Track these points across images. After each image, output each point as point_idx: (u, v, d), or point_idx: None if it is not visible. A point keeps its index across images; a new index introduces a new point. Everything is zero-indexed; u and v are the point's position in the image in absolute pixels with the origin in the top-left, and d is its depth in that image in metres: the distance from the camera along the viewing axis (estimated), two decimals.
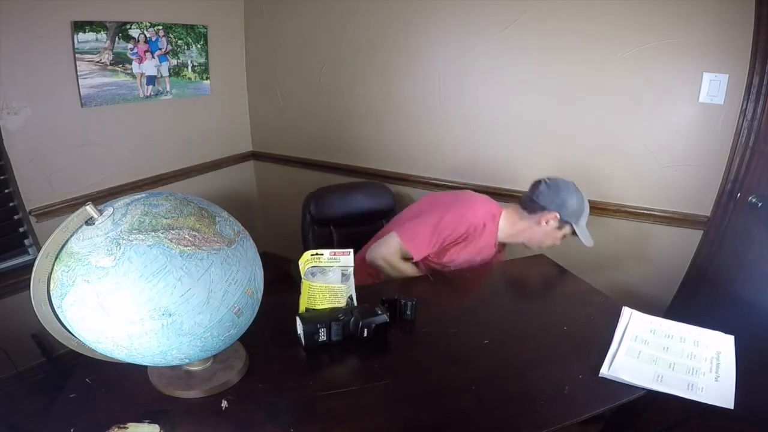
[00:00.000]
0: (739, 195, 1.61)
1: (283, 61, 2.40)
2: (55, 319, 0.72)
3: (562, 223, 1.42)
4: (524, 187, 1.98)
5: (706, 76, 1.56)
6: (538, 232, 1.45)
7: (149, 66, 2.04)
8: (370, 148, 2.31)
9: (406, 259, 1.45)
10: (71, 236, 0.70)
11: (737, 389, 0.88)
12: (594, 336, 1.06)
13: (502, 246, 1.57)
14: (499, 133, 1.98)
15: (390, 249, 1.42)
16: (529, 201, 1.44)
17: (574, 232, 1.43)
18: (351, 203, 1.86)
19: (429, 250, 1.42)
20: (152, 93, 2.09)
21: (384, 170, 2.27)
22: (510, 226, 1.48)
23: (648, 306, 1.29)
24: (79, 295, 0.67)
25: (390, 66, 2.12)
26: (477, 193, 1.56)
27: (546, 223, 1.42)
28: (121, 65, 1.93)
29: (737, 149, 1.57)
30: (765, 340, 1.38)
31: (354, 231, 1.81)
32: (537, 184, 1.45)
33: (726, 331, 1.05)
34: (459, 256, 1.46)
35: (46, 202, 1.78)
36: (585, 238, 1.43)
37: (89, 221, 0.71)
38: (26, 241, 1.79)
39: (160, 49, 2.07)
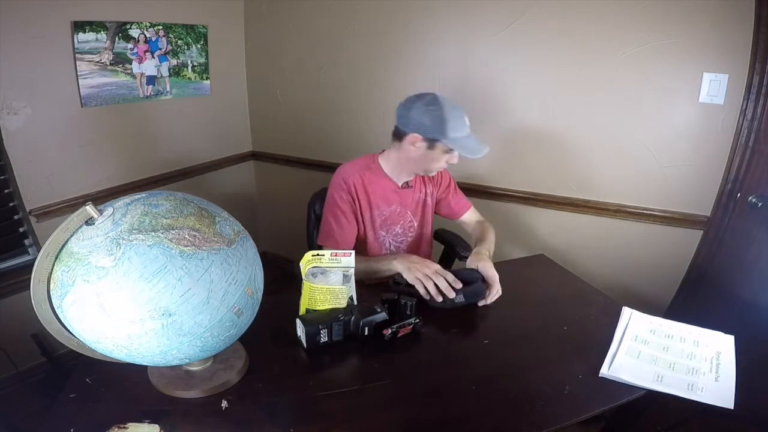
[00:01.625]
0: (739, 195, 1.61)
1: (283, 61, 2.40)
2: (55, 319, 0.72)
3: (430, 141, 1.28)
4: (524, 186, 2.00)
5: (706, 76, 1.56)
6: (414, 158, 1.33)
7: (149, 66, 2.04)
8: (370, 148, 2.30)
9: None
10: (71, 236, 0.70)
11: (737, 389, 0.88)
12: (594, 336, 1.05)
13: (417, 184, 1.47)
14: (499, 133, 1.98)
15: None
16: (394, 130, 1.36)
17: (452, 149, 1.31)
18: None
19: (343, 237, 1.35)
20: (152, 93, 2.09)
21: None
22: (388, 161, 1.41)
23: (648, 306, 1.29)
24: (79, 295, 0.67)
25: (390, 66, 2.12)
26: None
27: (414, 146, 1.30)
28: (121, 65, 1.93)
29: (737, 149, 1.57)
30: (765, 340, 1.38)
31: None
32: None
33: (726, 331, 1.05)
34: (377, 216, 1.41)
35: (46, 202, 1.78)
36: (465, 149, 1.29)
37: (89, 221, 0.71)
38: (26, 241, 1.79)
39: (160, 49, 2.07)
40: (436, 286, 1.13)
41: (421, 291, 1.13)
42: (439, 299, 1.12)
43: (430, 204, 1.52)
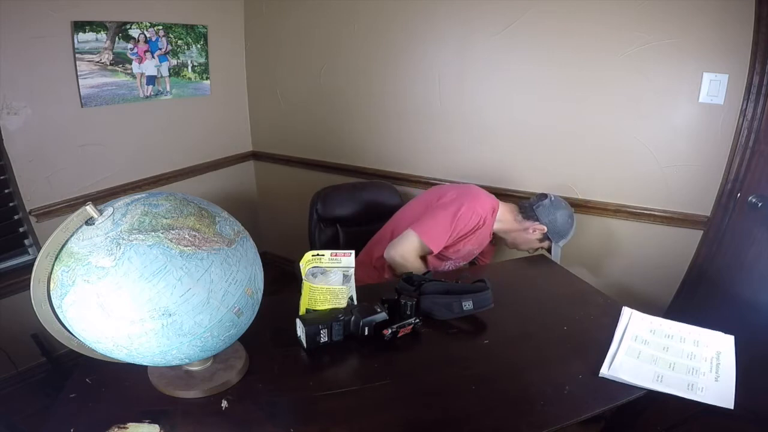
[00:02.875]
0: (739, 195, 1.61)
1: (283, 61, 2.40)
2: (55, 319, 0.72)
3: (545, 237, 1.56)
4: (523, 187, 1.99)
5: (706, 76, 1.56)
6: (522, 236, 1.58)
7: (149, 66, 2.04)
8: (369, 148, 2.31)
9: (422, 256, 1.51)
10: (71, 236, 0.70)
11: (737, 389, 0.88)
12: (594, 336, 1.06)
13: (493, 238, 1.66)
14: (499, 133, 1.98)
15: (410, 246, 1.47)
16: (529, 208, 1.57)
17: (549, 249, 1.59)
18: (358, 202, 1.86)
19: (446, 242, 1.49)
20: (152, 93, 2.09)
21: (384, 170, 2.27)
22: (503, 222, 1.59)
23: (648, 306, 1.29)
24: (79, 295, 0.67)
25: (390, 66, 2.12)
26: (478, 187, 1.63)
27: (533, 231, 1.55)
28: (121, 65, 1.93)
29: (737, 149, 1.57)
30: (765, 340, 1.38)
31: (360, 230, 1.82)
32: (543, 196, 1.58)
33: (726, 331, 1.05)
34: (464, 247, 1.54)
35: (46, 202, 1.78)
36: (556, 256, 1.57)
37: (89, 221, 0.71)
38: (26, 241, 1.79)
39: (160, 49, 2.07)
40: None
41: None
42: None
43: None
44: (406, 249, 1.47)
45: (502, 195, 2.02)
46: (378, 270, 1.58)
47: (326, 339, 0.97)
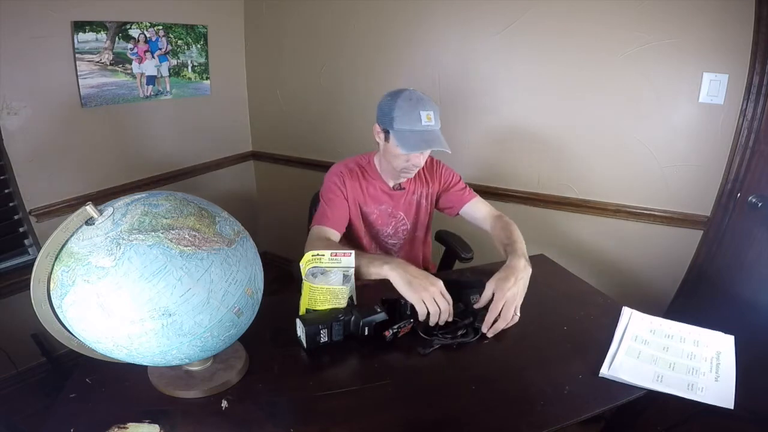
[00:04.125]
0: (739, 195, 1.61)
1: (283, 62, 2.40)
2: (55, 319, 0.72)
3: (385, 133, 1.24)
4: (523, 186, 2.00)
5: (706, 76, 1.56)
6: (382, 153, 1.32)
7: (149, 66, 2.04)
8: (369, 148, 2.31)
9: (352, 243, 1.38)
10: (71, 236, 0.70)
11: (737, 389, 0.88)
12: (594, 336, 1.05)
13: (414, 188, 1.44)
14: (498, 133, 1.98)
15: (311, 236, 1.27)
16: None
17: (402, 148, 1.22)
18: None
19: (335, 220, 1.30)
20: (152, 93, 2.09)
21: None
22: (380, 161, 1.37)
23: (648, 306, 1.29)
24: (79, 295, 0.67)
25: (390, 66, 2.12)
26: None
27: (378, 138, 1.28)
28: (121, 65, 1.93)
29: (737, 149, 1.57)
30: (765, 340, 1.38)
31: None
32: None
33: (726, 331, 1.05)
34: (370, 216, 1.40)
35: (46, 202, 1.78)
36: (403, 143, 1.19)
37: (89, 221, 0.71)
38: (26, 241, 1.79)
39: (160, 49, 2.07)
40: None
41: (421, 312, 1.00)
42: (436, 320, 1.00)
43: (425, 205, 1.49)
44: (309, 239, 1.26)
45: (501, 195, 2.02)
46: None
47: (326, 339, 0.97)
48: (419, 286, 1.01)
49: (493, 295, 1.06)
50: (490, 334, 1.02)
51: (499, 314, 1.02)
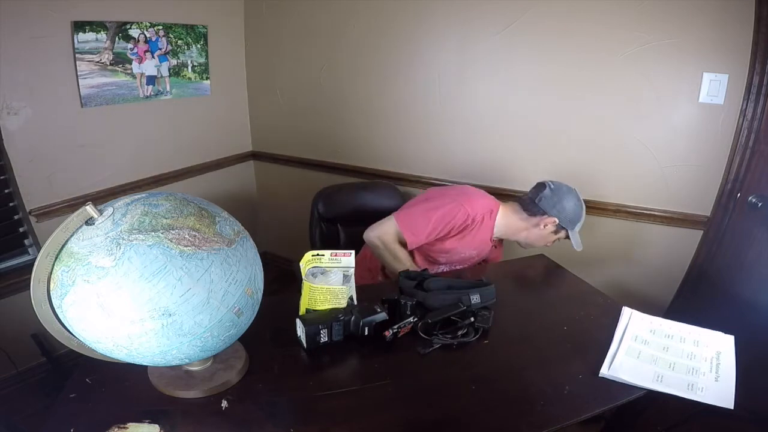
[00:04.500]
0: (739, 195, 1.61)
1: (283, 61, 2.40)
2: (55, 319, 0.72)
3: (559, 228, 1.45)
4: (524, 186, 1.98)
5: (706, 76, 1.56)
6: (533, 233, 1.48)
7: (149, 66, 2.04)
8: (369, 148, 2.31)
9: (403, 245, 1.45)
10: (71, 236, 0.70)
11: (737, 389, 0.88)
12: (594, 336, 1.05)
13: (498, 242, 1.59)
14: (499, 133, 1.98)
15: (386, 230, 1.43)
16: (530, 203, 1.45)
17: (567, 236, 1.48)
18: (360, 203, 1.86)
19: (424, 238, 1.41)
20: (152, 93, 2.09)
21: (384, 170, 2.27)
22: (507, 224, 1.49)
23: (648, 306, 1.29)
24: (79, 295, 0.67)
25: (390, 66, 2.12)
26: (477, 188, 1.56)
27: (544, 226, 1.45)
28: (121, 65, 1.93)
29: (737, 149, 1.57)
30: (765, 340, 1.38)
31: (362, 231, 1.81)
32: (541, 186, 1.46)
33: (726, 331, 1.05)
34: (455, 249, 1.46)
35: (46, 202, 1.78)
36: (576, 243, 1.47)
37: (89, 221, 0.71)
38: (26, 241, 1.79)
39: (160, 49, 2.07)
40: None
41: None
42: None
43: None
44: (383, 231, 1.43)
45: (501, 195, 2.01)
46: (371, 272, 1.57)
47: (326, 339, 0.97)
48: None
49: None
50: None
51: None
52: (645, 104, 1.68)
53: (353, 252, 1.05)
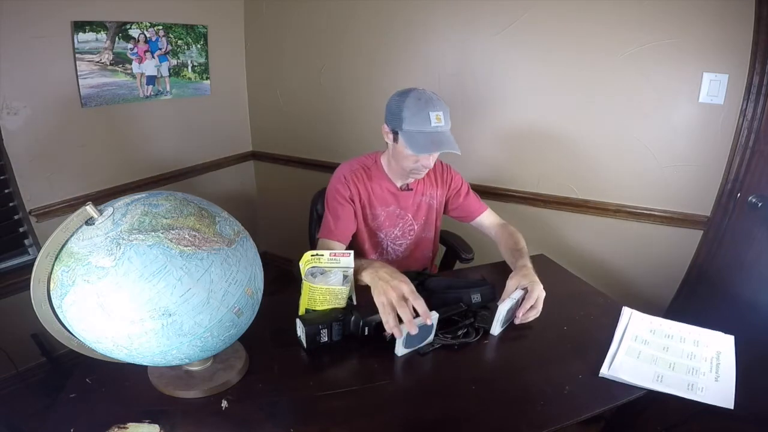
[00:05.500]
0: (739, 195, 1.61)
1: (283, 61, 2.40)
2: (55, 319, 0.72)
3: (394, 134, 1.22)
4: (524, 186, 2.00)
5: (706, 76, 1.56)
6: (391, 153, 1.30)
7: (149, 66, 2.04)
8: (369, 148, 2.30)
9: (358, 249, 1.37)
10: (71, 236, 0.70)
11: (737, 389, 0.88)
12: (594, 336, 1.05)
13: (423, 189, 1.43)
14: (498, 133, 1.98)
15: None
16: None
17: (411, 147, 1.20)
18: None
19: (339, 232, 1.30)
20: (152, 93, 2.09)
21: None
22: (387, 161, 1.36)
23: (648, 306, 1.29)
24: (79, 295, 0.67)
25: (390, 66, 2.12)
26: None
27: (386, 138, 1.26)
28: (121, 65, 1.93)
29: (737, 149, 1.57)
30: (765, 340, 1.38)
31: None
32: None
33: (726, 331, 1.05)
34: (377, 220, 1.39)
35: (46, 202, 1.78)
36: (413, 144, 1.17)
37: (89, 221, 0.71)
38: (26, 241, 1.79)
39: (160, 49, 2.07)
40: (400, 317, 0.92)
41: (383, 319, 0.94)
42: (395, 334, 0.91)
43: (435, 207, 1.48)
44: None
45: (501, 195, 2.02)
46: None
47: (326, 339, 0.97)
48: (381, 289, 0.95)
49: (524, 290, 1.08)
50: (518, 322, 1.07)
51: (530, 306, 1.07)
52: (645, 104, 1.68)
53: (352, 252, 1.05)
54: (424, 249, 1.54)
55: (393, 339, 0.97)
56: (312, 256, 1.04)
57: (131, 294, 0.67)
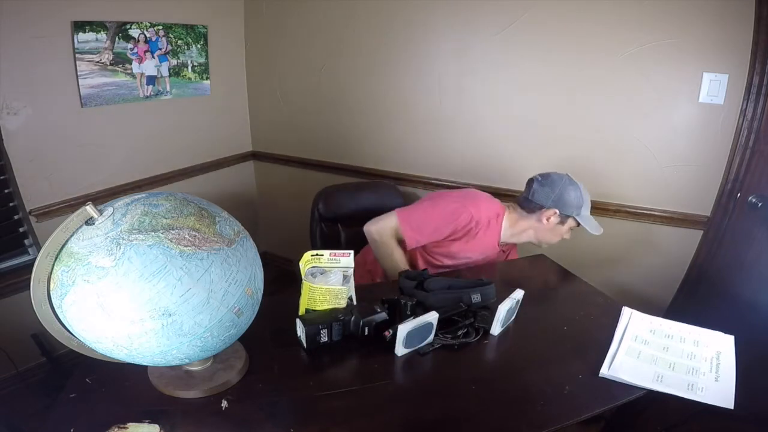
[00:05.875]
0: (739, 195, 1.61)
1: (283, 61, 2.40)
2: (55, 319, 0.72)
3: (564, 217, 1.41)
4: (522, 186, 1.99)
5: (706, 76, 1.56)
6: (541, 230, 1.44)
7: (149, 66, 2.04)
8: (369, 148, 2.31)
9: (401, 243, 1.43)
10: (71, 236, 0.70)
11: (737, 389, 0.88)
12: (594, 336, 1.06)
13: (508, 247, 1.57)
14: (498, 133, 1.98)
15: (386, 225, 1.41)
16: (525, 201, 1.44)
17: (578, 223, 1.43)
18: (361, 202, 1.85)
19: (425, 237, 1.40)
20: (152, 93, 2.09)
21: (383, 170, 2.27)
22: (512, 226, 1.47)
23: (648, 306, 1.29)
24: (79, 295, 0.67)
25: (390, 66, 2.12)
26: (483, 192, 1.54)
27: (547, 220, 1.41)
28: (121, 65, 1.93)
29: (737, 149, 1.57)
30: (765, 340, 1.38)
31: (362, 230, 1.81)
32: (530, 182, 1.44)
33: (726, 331, 1.05)
34: (460, 252, 1.45)
35: (46, 202, 1.78)
36: (591, 227, 1.42)
37: (89, 221, 0.71)
38: (26, 241, 1.79)
39: (160, 49, 2.07)
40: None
41: None
42: None
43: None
44: (382, 226, 1.41)
45: (502, 195, 2.01)
46: (371, 273, 1.57)
47: (326, 339, 0.97)
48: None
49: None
50: None
51: None
52: (645, 104, 1.68)
53: (352, 252, 1.05)
54: None
55: (393, 339, 0.98)
56: (312, 256, 1.04)
57: (131, 294, 0.67)
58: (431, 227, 1.39)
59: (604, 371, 0.92)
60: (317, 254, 1.04)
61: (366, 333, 0.98)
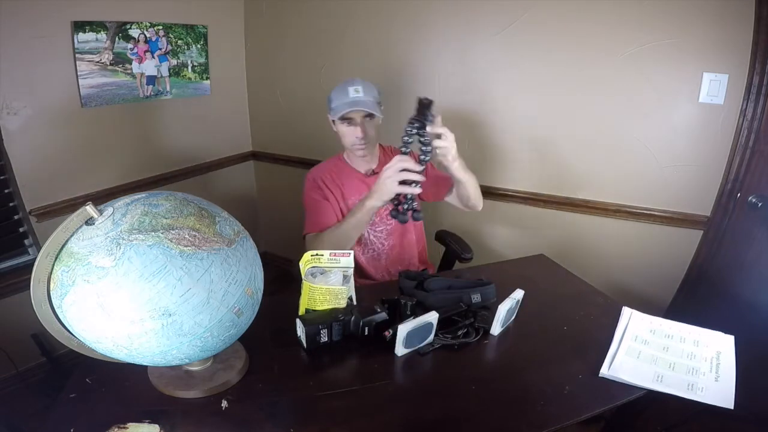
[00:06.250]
0: (739, 195, 1.61)
1: (283, 61, 2.40)
2: (55, 319, 0.72)
3: (333, 122, 1.43)
4: (523, 186, 2.00)
5: (706, 76, 1.56)
6: (341, 142, 1.46)
7: (149, 66, 2.04)
8: None
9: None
10: (71, 236, 0.70)
11: (737, 389, 0.88)
12: (594, 336, 1.05)
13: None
14: (498, 132, 1.98)
15: (310, 245, 1.33)
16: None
17: (343, 120, 1.39)
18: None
19: (324, 220, 1.39)
20: (152, 93, 2.09)
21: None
22: (346, 155, 1.51)
23: (648, 306, 1.29)
24: (79, 295, 0.67)
25: (389, 66, 2.12)
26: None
27: (335, 129, 1.44)
28: (121, 65, 1.93)
29: (737, 149, 1.57)
30: (765, 340, 1.39)
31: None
32: None
33: (726, 331, 1.05)
34: (349, 198, 1.45)
35: (46, 202, 1.78)
36: (334, 111, 1.38)
37: (89, 221, 0.71)
38: (26, 241, 1.79)
39: (160, 49, 2.07)
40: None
41: (408, 190, 1.13)
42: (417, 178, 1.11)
43: None
44: (311, 247, 1.27)
45: (501, 195, 2.02)
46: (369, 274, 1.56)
47: (326, 339, 0.97)
48: (385, 182, 1.14)
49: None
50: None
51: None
52: (645, 104, 1.68)
53: (352, 252, 1.05)
54: (408, 233, 1.54)
55: (393, 339, 0.98)
56: (312, 256, 1.04)
57: (131, 294, 0.67)
58: (315, 212, 1.40)
59: (604, 371, 0.92)
60: (317, 254, 1.04)
61: (366, 333, 0.98)
